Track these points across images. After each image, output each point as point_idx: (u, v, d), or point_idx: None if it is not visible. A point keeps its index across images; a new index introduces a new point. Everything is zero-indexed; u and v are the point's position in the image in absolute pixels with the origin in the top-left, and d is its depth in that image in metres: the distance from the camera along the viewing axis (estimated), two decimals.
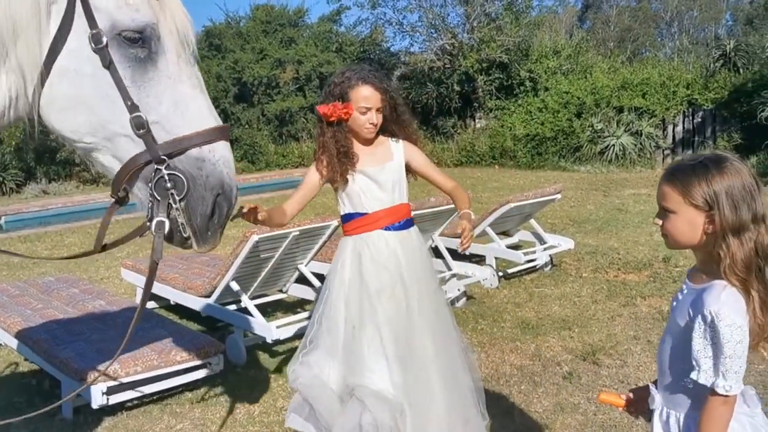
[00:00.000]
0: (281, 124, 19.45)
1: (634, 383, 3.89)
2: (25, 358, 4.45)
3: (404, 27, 20.04)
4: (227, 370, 4.16)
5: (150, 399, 3.94)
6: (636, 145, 15.06)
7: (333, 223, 4.66)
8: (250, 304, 4.61)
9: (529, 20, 18.75)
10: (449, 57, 18.44)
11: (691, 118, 15.67)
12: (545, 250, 6.52)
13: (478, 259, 6.54)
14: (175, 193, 1.68)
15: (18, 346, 4.22)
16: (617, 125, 15.46)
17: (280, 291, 5.26)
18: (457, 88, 18.15)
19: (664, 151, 15.68)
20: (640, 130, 15.24)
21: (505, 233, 6.96)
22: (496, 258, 6.30)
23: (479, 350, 4.59)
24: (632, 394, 1.98)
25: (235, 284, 4.61)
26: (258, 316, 4.50)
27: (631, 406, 1.97)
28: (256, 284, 4.79)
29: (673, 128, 15.83)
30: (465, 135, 18.11)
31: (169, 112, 1.66)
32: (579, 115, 16.29)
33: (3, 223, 11.33)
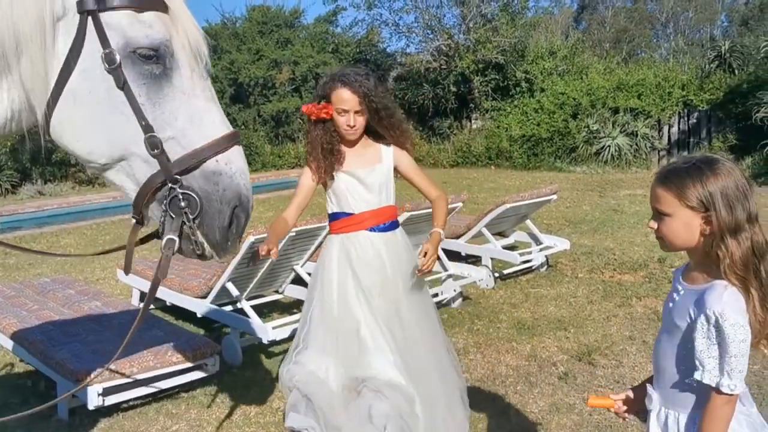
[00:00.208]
0: (277, 124, 19.45)
1: (629, 383, 3.90)
2: (21, 359, 4.45)
3: (400, 28, 20.06)
4: (223, 371, 4.16)
5: (146, 400, 3.93)
6: (631, 146, 15.10)
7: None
8: (246, 305, 4.61)
9: (525, 21, 18.78)
10: (445, 58, 18.46)
11: (686, 119, 15.72)
12: (541, 250, 6.53)
13: (474, 260, 6.55)
14: (189, 211, 1.67)
15: (13, 347, 4.21)
16: (613, 126, 15.50)
17: (277, 292, 5.27)
18: (454, 88, 18.17)
19: (659, 152, 15.73)
20: (636, 131, 15.28)
21: (501, 234, 6.98)
22: (492, 259, 6.31)
23: (475, 351, 4.60)
24: (628, 394, 1.99)
25: (231, 285, 4.61)
26: (254, 317, 4.50)
27: (625, 406, 1.98)
28: (252, 285, 4.79)
29: (669, 129, 15.88)
30: (461, 136, 18.13)
31: (185, 127, 1.64)
32: (575, 115, 16.32)
33: None
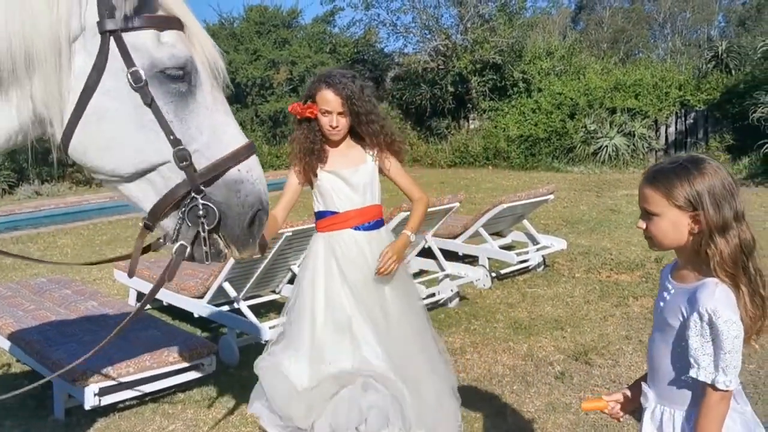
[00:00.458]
0: (275, 125, 19.44)
1: (626, 383, 3.90)
2: (17, 359, 4.44)
3: (398, 28, 20.07)
4: (220, 371, 4.16)
5: (142, 400, 3.93)
6: (629, 146, 15.12)
7: None
8: (243, 305, 4.61)
9: (523, 21, 18.81)
10: (443, 58, 18.47)
11: (683, 119, 15.75)
12: (538, 250, 6.54)
13: (471, 260, 6.56)
14: (206, 222, 1.73)
15: (10, 347, 4.20)
16: (610, 126, 15.52)
17: (273, 292, 5.27)
18: (451, 89, 18.18)
19: (656, 152, 15.75)
20: (633, 131, 15.30)
21: (498, 234, 6.99)
22: (488, 258, 6.32)
23: (472, 350, 4.60)
24: (622, 393, 2.00)
25: (228, 285, 4.61)
26: (251, 317, 4.50)
27: (617, 407, 1.99)
28: (249, 285, 4.79)
29: (666, 129, 15.91)
30: (459, 136, 18.14)
31: (210, 141, 1.71)
32: (572, 116, 16.34)
33: None
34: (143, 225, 1.80)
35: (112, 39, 1.58)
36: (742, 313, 1.63)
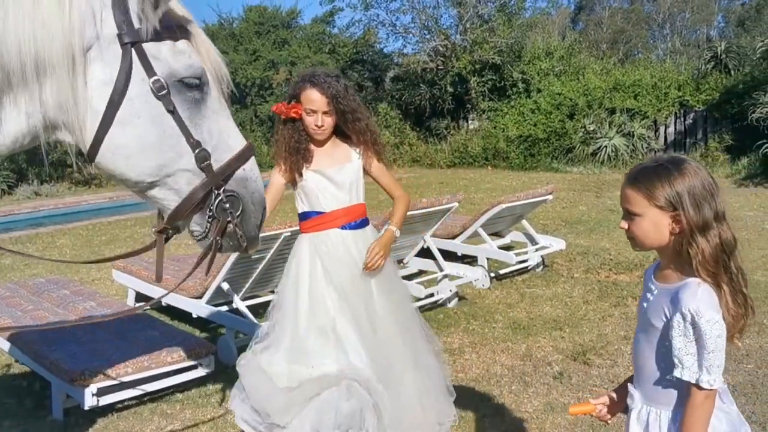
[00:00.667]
0: (274, 125, 19.44)
1: None
2: (16, 360, 4.44)
3: (397, 28, 20.07)
4: (218, 371, 4.15)
5: (141, 400, 3.93)
6: (628, 147, 15.12)
7: None
8: (241, 305, 4.61)
9: (522, 22, 18.82)
10: (442, 58, 18.48)
11: (682, 120, 15.76)
12: (537, 250, 6.54)
13: (470, 260, 6.56)
14: (234, 210, 1.85)
15: (10, 348, 4.20)
16: (609, 126, 15.52)
17: (272, 292, 5.25)
18: (450, 89, 18.19)
19: (656, 152, 15.74)
20: (632, 132, 15.30)
21: (497, 234, 6.99)
22: (487, 259, 6.32)
23: (470, 350, 4.60)
24: (609, 396, 2.02)
25: (226, 285, 4.61)
26: (249, 317, 4.50)
27: (604, 410, 2.01)
28: (247, 285, 4.79)
29: (665, 129, 15.92)
30: (458, 136, 18.14)
31: (219, 143, 1.82)
32: (571, 116, 16.34)
33: None
34: (159, 231, 1.90)
35: (134, 50, 1.64)
36: (724, 312, 1.64)
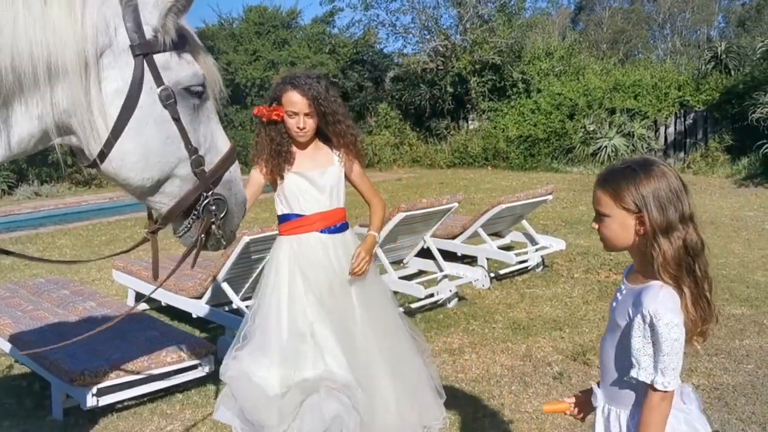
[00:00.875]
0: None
1: None
2: (16, 360, 4.44)
3: (397, 28, 20.09)
4: (218, 371, 4.14)
5: (141, 400, 3.93)
6: (628, 147, 15.13)
7: None
8: (241, 305, 4.61)
9: (522, 22, 18.83)
10: (442, 58, 18.48)
11: (682, 120, 15.76)
12: (537, 251, 6.54)
13: (470, 260, 6.56)
14: (218, 213, 1.95)
15: (9, 348, 4.19)
16: (609, 127, 15.53)
17: None
18: (450, 89, 18.19)
19: (656, 152, 15.74)
20: (632, 132, 15.31)
21: (497, 234, 6.99)
22: (487, 259, 6.32)
23: (470, 350, 4.60)
24: (580, 395, 2.05)
25: (226, 285, 4.61)
26: None
27: (576, 408, 2.04)
28: (247, 285, 4.79)
29: (665, 130, 15.92)
30: (458, 136, 18.15)
31: (211, 146, 1.90)
32: (571, 116, 16.35)
33: None
34: (152, 232, 2.00)
35: (145, 60, 1.70)
36: (683, 315, 1.67)
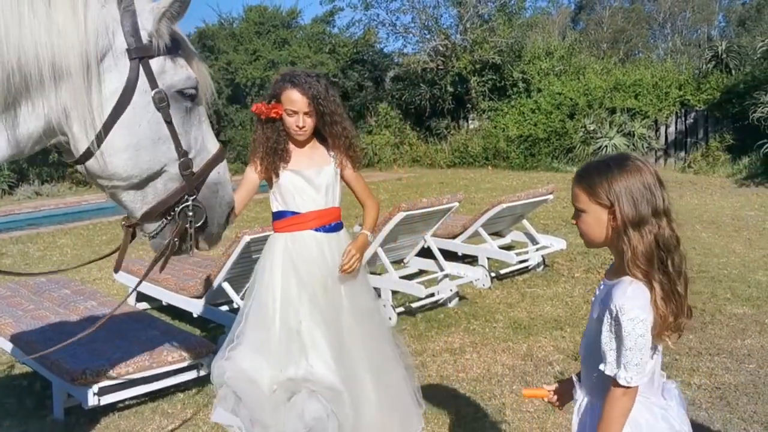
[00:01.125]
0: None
1: None
2: (17, 360, 4.44)
3: (397, 28, 20.08)
4: None
5: (142, 399, 3.93)
6: (629, 146, 15.11)
7: None
8: (242, 305, 4.60)
9: (522, 21, 18.83)
10: (442, 58, 18.48)
11: (683, 119, 15.75)
12: (537, 250, 6.54)
13: (471, 260, 6.56)
14: (194, 220, 1.98)
15: (10, 348, 4.19)
16: (610, 126, 15.52)
17: None
18: (451, 89, 18.19)
19: (656, 152, 15.75)
20: (633, 131, 15.30)
21: (498, 234, 6.99)
22: (488, 258, 6.32)
23: (471, 350, 4.60)
24: (558, 385, 2.07)
25: (226, 285, 4.61)
26: None
27: (556, 397, 2.06)
28: (247, 285, 4.77)
29: (666, 129, 15.91)
30: (458, 136, 18.14)
31: (201, 148, 1.96)
32: (572, 116, 16.35)
33: None
34: (128, 226, 2.02)
35: (141, 64, 1.75)
36: (654, 310, 1.68)
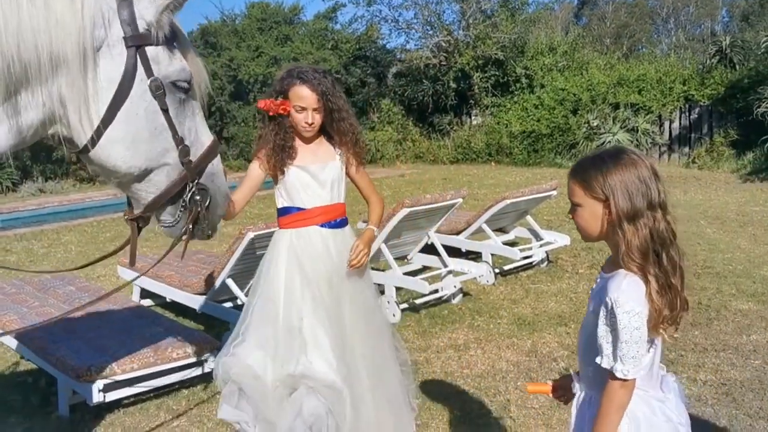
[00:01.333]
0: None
1: None
2: (22, 356, 4.45)
3: (400, 24, 20.04)
4: None
5: (147, 396, 3.94)
6: (632, 142, 15.06)
7: None
8: (246, 301, 4.60)
9: (525, 17, 18.76)
10: (445, 54, 18.43)
11: (687, 114, 15.69)
12: (541, 246, 6.53)
13: (475, 256, 6.55)
14: (202, 202, 2.05)
15: (15, 344, 4.20)
16: (613, 122, 15.48)
17: None
18: (453, 85, 18.15)
19: (660, 147, 15.71)
20: (637, 127, 15.26)
21: (502, 230, 6.98)
22: (492, 255, 6.31)
23: (475, 346, 4.60)
24: (559, 381, 2.09)
25: (230, 281, 4.61)
26: None
27: (557, 392, 2.07)
28: (251, 281, 4.78)
29: (670, 124, 15.85)
30: (461, 132, 18.11)
31: (195, 140, 1.99)
32: (575, 111, 16.31)
33: None
34: (132, 219, 2.05)
35: (138, 52, 1.76)
36: (648, 303, 1.68)
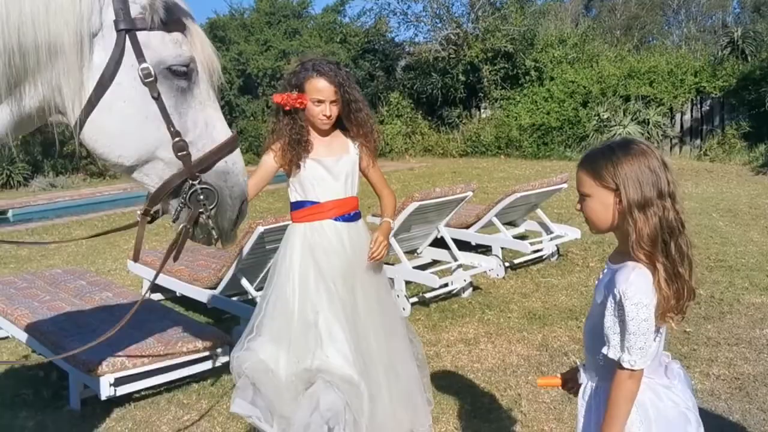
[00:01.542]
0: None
1: None
2: (33, 350, 4.47)
3: (409, 17, 19.92)
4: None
5: (157, 390, 3.95)
6: (643, 134, 14.93)
7: None
8: (256, 296, 4.61)
9: (535, 9, 18.68)
10: (454, 47, 18.35)
11: (699, 106, 15.55)
12: (552, 240, 6.50)
13: (484, 250, 6.53)
14: (207, 203, 1.93)
15: (27, 339, 4.23)
16: (624, 114, 15.37)
17: None
18: (462, 78, 18.06)
19: (671, 139, 15.59)
20: (648, 119, 15.14)
21: (511, 223, 6.95)
22: (502, 248, 6.29)
23: (486, 340, 4.59)
24: (566, 374, 2.09)
25: (241, 276, 4.61)
26: None
27: (567, 385, 2.06)
28: (261, 275, 4.79)
29: (681, 116, 15.72)
30: (470, 125, 18.04)
31: (202, 133, 1.89)
32: (585, 104, 16.20)
33: (10, 215, 11.39)
34: (141, 212, 1.99)
35: (127, 37, 1.71)
36: (657, 293, 1.69)
